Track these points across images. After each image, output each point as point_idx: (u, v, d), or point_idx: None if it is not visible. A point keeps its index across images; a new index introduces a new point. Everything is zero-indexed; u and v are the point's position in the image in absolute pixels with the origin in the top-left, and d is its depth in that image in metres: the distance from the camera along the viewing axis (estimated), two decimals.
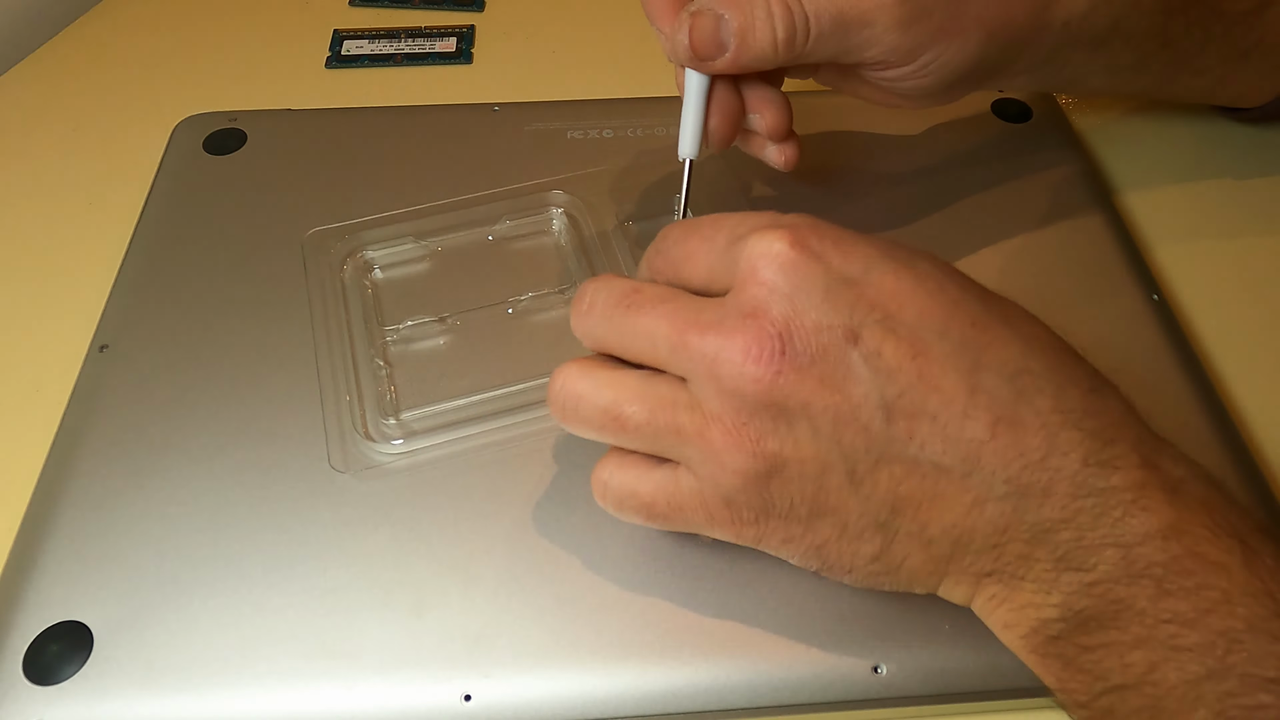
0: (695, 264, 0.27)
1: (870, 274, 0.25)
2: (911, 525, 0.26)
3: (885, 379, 0.24)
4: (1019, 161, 0.45)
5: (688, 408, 0.26)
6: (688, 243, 0.28)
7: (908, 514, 0.26)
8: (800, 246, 0.25)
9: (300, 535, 0.32)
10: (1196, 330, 0.40)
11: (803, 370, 0.24)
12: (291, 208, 0.42)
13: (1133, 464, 0.24)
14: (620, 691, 0.29)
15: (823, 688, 0.29)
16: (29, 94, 0.51)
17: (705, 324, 0.25)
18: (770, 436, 0.25)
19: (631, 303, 0.27)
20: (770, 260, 0.25)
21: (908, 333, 0.25)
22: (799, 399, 0.25)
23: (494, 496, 0.33)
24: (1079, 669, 0.25)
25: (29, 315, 0.41)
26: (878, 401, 0.24)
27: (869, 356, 0.24)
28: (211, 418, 0.35)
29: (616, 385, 0.27)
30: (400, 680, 0.29)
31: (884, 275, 0.25)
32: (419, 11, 0.57)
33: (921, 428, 0.24)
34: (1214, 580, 0.23)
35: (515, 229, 0.42)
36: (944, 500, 0.25)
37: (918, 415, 0.24)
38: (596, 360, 0.28)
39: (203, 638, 0.30)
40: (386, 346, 0.37)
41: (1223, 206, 0.46)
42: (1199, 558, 0.24)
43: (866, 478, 0.25)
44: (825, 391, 0.24)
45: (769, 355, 0.24)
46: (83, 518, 0.32)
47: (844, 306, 0.25)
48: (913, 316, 0.25)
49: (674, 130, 0.46)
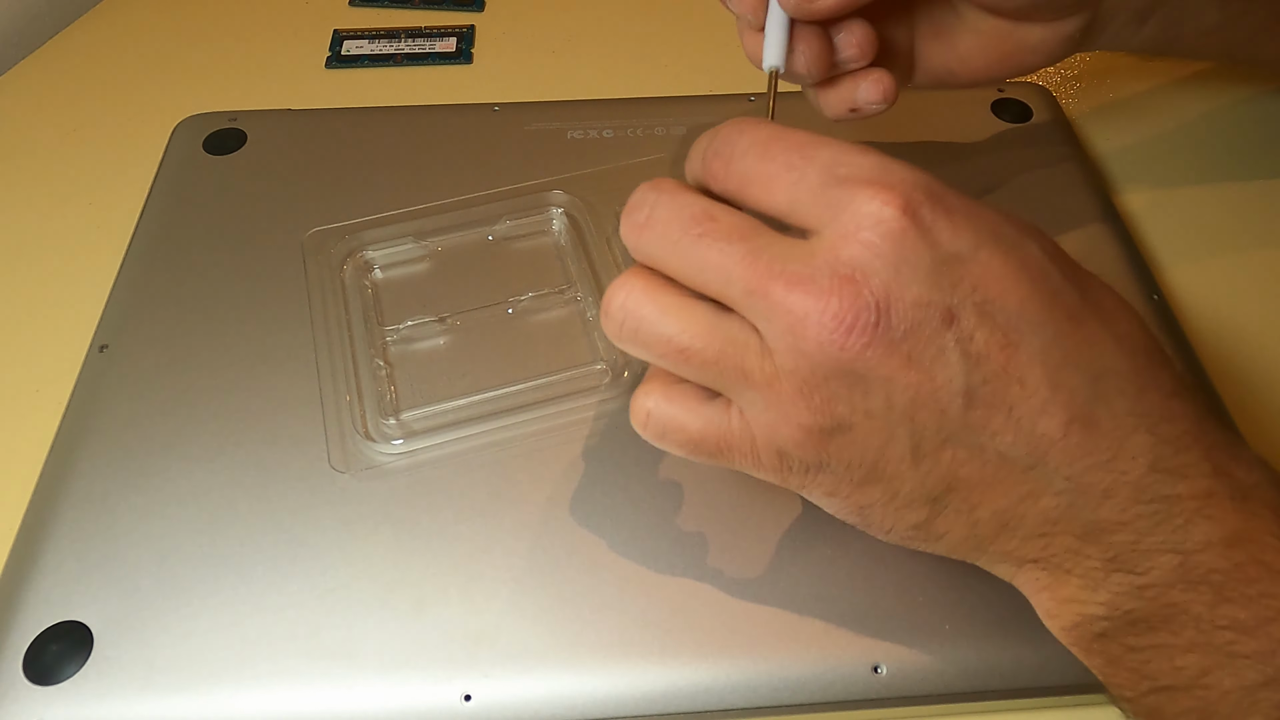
0: (773, 192, 0.25)
1: (979, 252, 0.24)
2: (962, 504, 0.25)
3: (973, 365, 0.23)
4: (1019, 162, 0.45)
5: (759, 353, 0.24)
6: (767, 164, 0.25)
7: (961, 493, 0.25)
8: (913, 215, 0.23)
9: (300, 535, 0.32)
10: (1196, 330, 0.40)
11: (894, 345, 0.23)
12: (291, 208, 0.42)
13: (1202, 472, 0.24)
14: (620, 691, 0.29)
15: (823, 688, 0.29)
16: (29, 94, 0.51)
17: (793, 277, 0.23)
18: (843, 401, 0.24)
19: (705, 231, 0.24)
20: (881, 224, 0.23)
21: (1004, 320, 0.23)
22: (883, 372, 0.23)
23: (494, 496, 0.33)
24: (1125, 666, 0.25)
25: (29, 315, 0.41)
26: (961, 387, 0.23)
27: (962, 340, 0.23)
28: (211, 418, 0.35)
29: (684, 316, 0.25)
30: (400, 680, 0.29)
31: (992, 256, 0.24)
32: (419, 11, 0.57)
33: (997, 418, 0.24)
34: (1278, 589, 0.23)
35: (515, 229, 0.42)
36: (1000, 487, 0.25)
37: (996, 405, 0.24)
38: (662, 281, 0.25)
39: (203, 638, 0.30)
40: (386, 346, 0.37)
41: (1223, 207, 0.46)
42: (1264, 566, 0.23)
43: (929, 455, 0.24)
44: (911, 369, 0.23)
45: (863, 326, 0.23)
46: (83, 518, 0.32)
47: (947, 285, 0.23)
48: (1014, 304, 0.24)
49: (674, 130, 0.45)
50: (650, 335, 0.25)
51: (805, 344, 0.23)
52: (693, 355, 0.25)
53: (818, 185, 0.24)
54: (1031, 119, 0.48)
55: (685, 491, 0.33)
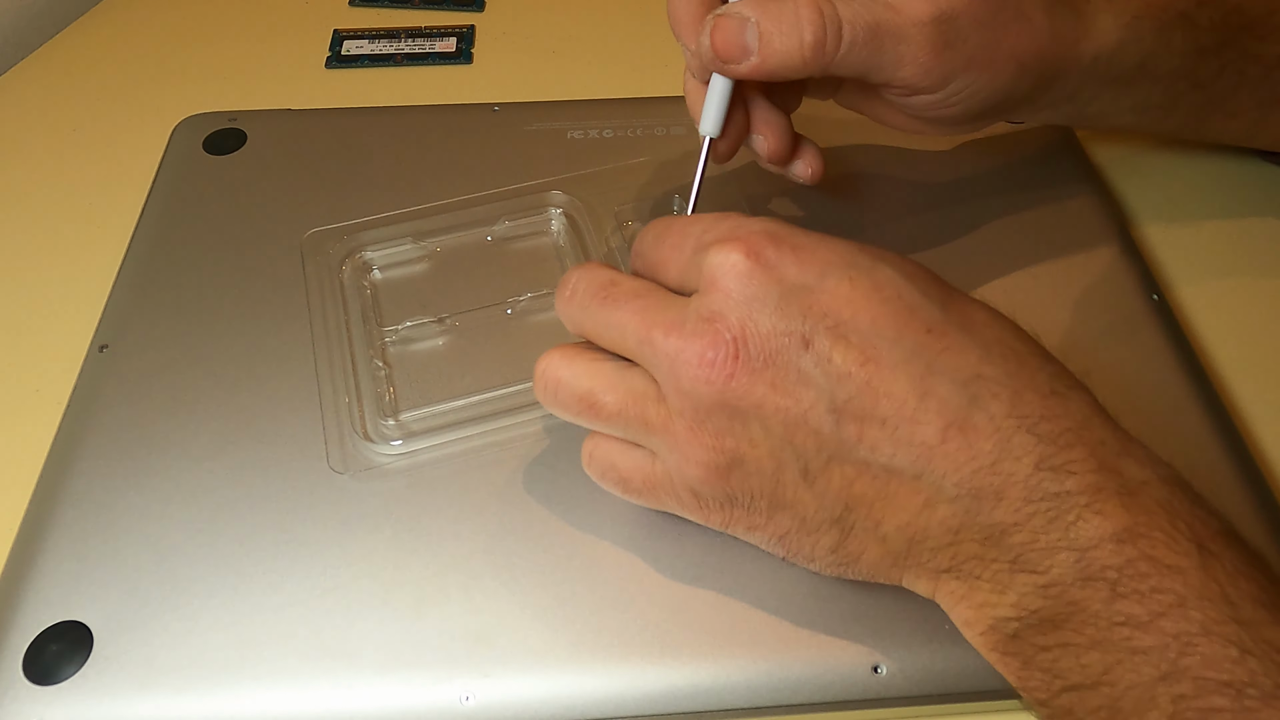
0: (667, 269, 0.29)
1: (825, 281, 0.26)
2: (866, 522, 0.26)
3: (835, 383, 0.25)
4: (1019, 163, 0.45)
5: (655, 401, 0.27)
6: (660, 249, 0.29)
7: (861, 511, 0.26)
8: (755, 257, 0.26)
9: (300, 535, 0.32)
10: (1196, 330, 0.40)
11: (755, 374, 0.26)
12: (291, 208, 0.42)
13: (1088, 469, 0.24)
14: (620, 691, 0.29)
15: (823, 688, 0.29)
16: (29, 94, 0.51)
17: (669, 323, 0.27)
18: (727, 435, 0.26)
19: (608, 295, 0.28)
20: (728, 270, 0.26)
21: (859, 339, 0.25)
22: (751, 401, 0.26)
23: (493, 497, 0.33)
24: (1037, 667, 0.26)
25: (29, 315, 0.41)
26: (828, 405, 0.25)
27: (820, 361, 0.25)
28: (211, 418, 0.35)
29: (593, 374, 0.29)
30: (400, 680, 0.29)
31: (839, 282, 0.26)
32: (419, 11, 0.57)
33: (871, 431, 0.25)
34: (1168, 584, 0.23)
35: (514, 229, 0.42)
36: (896, 500, 0.26)
37: (867, 419, 0.25)
38: (579, 347, 0.29)
39: (203, 638, 0.30)
40: (385, 347, 0.37)
41: (1222, 206, 0.46)
42: (1153, 561, 0.24)
43: (819, 476, 0.26)
44: (776, 394, 0.26)
45: (723, 359, 0.26)
46: (83, 518, 0.32)
47: (796, 313, 0.26)
48: (865, 323, 0.25)
49: (673, 130, 0.45)
50: (566, 394, 0.29)
51: (682, 382, 0.26)
52: (601, 409, 0.28)
53: (691, 254, 0.28)
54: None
55: None
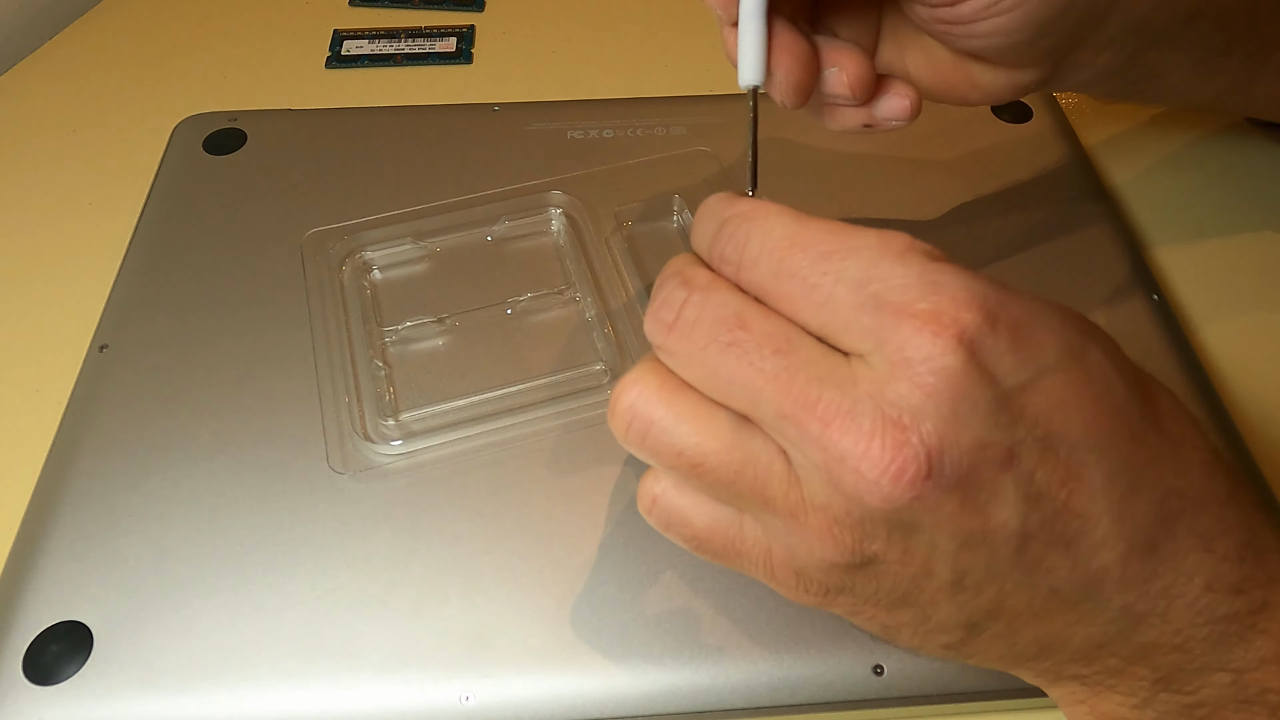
0: (798, 312, 0.22)
1: (1043, 379, 0.21)
2: (1003, 630, 0.23)
3: (1031, 505, 0.21)
4: (1019, 162, 0.45)
5: (784, 480, 0.22)
6: (784, 282, 0.22)
7: (1004, 620, 0.23)
8: (971, 349, 0.20)
9: (300, 535, 0.32)
10: (1196, 330, 0.40)
11: (945, 493, 0.20)
12: (291, 208, 0.42)
13: (1258, 583, 0.22)
14: (620, 691, 0.29)
15: (823, 688, 0.29)
16: (29, 94, 0.51)
17: (832, 410, 0.20)
18: (877, 540, 0.22)
19: (734, 341, 0.21)
20: (931, 361, 0.20)
21: (1067, 453, 0.21)
22: (931, 520, 0.21)
23: (493, 497, 0.33)
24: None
25: (29, 315, 0.41)
26: (1017, 529, 0.21)
27: (1021, 482, 0.21)
28: (211, 418, 0.35)
29: (701, 425, 0.22)
30: (400, 680, 0.29)
31: (1055, 378, 0.21)
32: (419, 11, 0.57)
33: (1052, 555, 0.22)
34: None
35: (514, 229, 0.42)
36: (1047, 616, 0.23)
37: (1053, 543, 0.21)
38: (677, 381, 0.23)
39: (203, 638, 0.30)
40: (385, 347, 0.37)
41: (1223, 206, 0.46)
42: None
43: (971, 588, 0.22)
44: (963, 515, 0.21)
45: (912, 478, 0.20)
46: (83, 518, 0.32)
47: (1007, 423, 0.21)
48: (1077, 431, 0.21)
49: (673, 130, 0.45)
50: (660, 443, 0.23)
51: (843, 486, 0.21)
52: (707, 472, 0.22)
53: (850, 309, 0.21)
54: (1031, 119, 0.48)
55: None
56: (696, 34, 0.55)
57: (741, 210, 0.23)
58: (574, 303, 0.39)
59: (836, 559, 0.22)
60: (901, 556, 0.22)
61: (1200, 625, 0.22)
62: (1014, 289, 0.22)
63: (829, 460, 0.20)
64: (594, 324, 0.38)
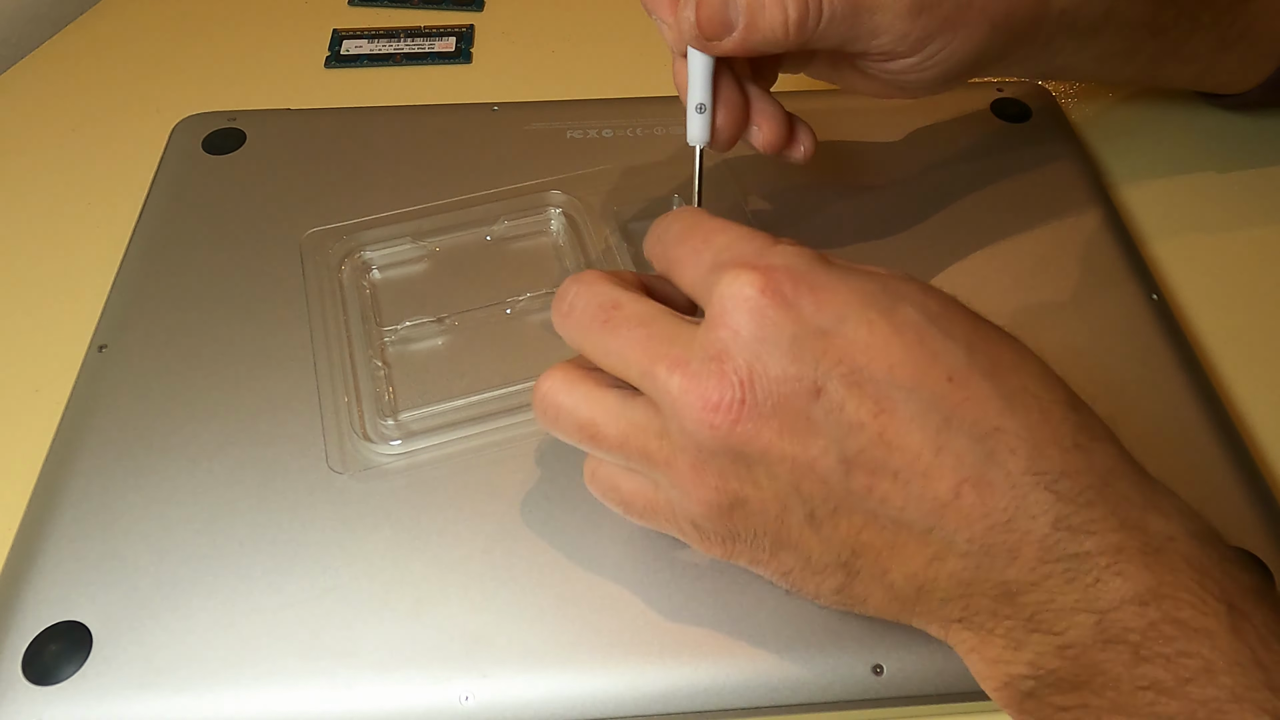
0: (682, 274, 0.27)
1: (844, 325, 0.24)
2: (873, 568, 0.26)
3: (846, 434, 0.24)
4: (1018, 161, 0.45)
5: (657, 435, 0.26)
6: (679, 248, 0.28)
7: (868, 558, 0.25)
8: (772, 292, 0.24)
9: (299, 536, 0.32)
10: (1196, 329, 0.40)
11: (762, 420, 0.24)
12: (290, 208, 0.42)
13: (1109, 527, 0.23)
14: (620, 691, 0.29)
15: (823, 688, 0.29)
16: (29, 94, 0.51)
17: (674, 360, 0.25)
18: (730, 477, 0.25)
19: (608, 319, 0.27)
20: (740, 304, 0.25)
21: (874, 389, 0.24)
22: (757, 447, 0.24)
23: (493, 497, 0.33)
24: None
25: (29, 315, 0.41)
26: (837, 456, 0.24)
27: (831, 410, 0.24)
28: (210, 418, 0.35)
29: (594, 403, 0.27)
30: (399, 680, 0.29)
31: (858, 326, 0.24)
32: (418, 11, 0.57)
33: (882, 484, 0.24)
34: (1196, 648, 0.22)
35: (513, 229, 0.42)
36: (904, 551, 0.25)
37: (878, 471, 0.24)
38: (580, 371, 0.28)
39: (202, 638, 0.30)
40: (384, 347, 0.37)
41: (1222, 206, 0.46)
42: (1180, 624, 0.23)
43: (826, 522, 0.25)
44: (783, 442, 0.24)
45: (728, 404, 0.24)
46: (83, 518, 0.32)
47: (810, 359, 0.24)
48: (882, 371, 0.24)
49: (673, 129, 0.46)
50: (567, 422, 0.28)
51: (685, 423, 0.25)
52: (602, 438, 0.27)
53: (707, 268, 0.26)
54: (1031, 119, 0.48)
55: None
56: None
57: (674, 210, 0.29)
58: None
59: (708, 498, 0.26)
60: (756, 492, 0.25)
61: (1052, 562, 0.24)
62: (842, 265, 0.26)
63: (675, 403, 0.25)
64: None
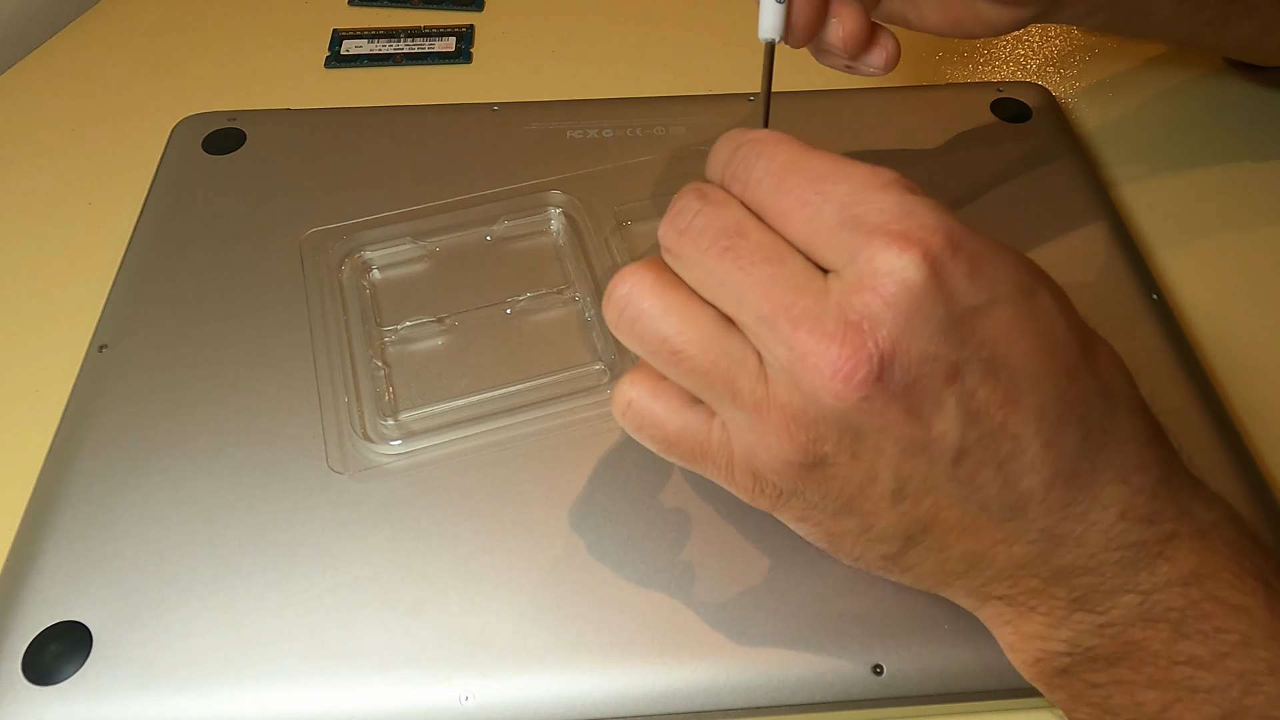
0: (789, 227, 0.24)
1: (994, 307, 0.23)
2: (935, 543, 0.25)
3: (970, 421, 0.23)
4: (1019, 161, 0.45)
5: (754, 375, 0.24)
6: (781, 197, 0.24)
7: (936, 534, 0.25)
8: (934, 268, 0.22)
9: (299, 536, 0.32)
10: (1196, 329, 0.40)
11: (891, 399, 0.22)
12: (290, 208, 0.42)
13: (1168, 516, 0.24)
14: (620, 691, 0.29)
15: (823, 688, 0.29)
16: (29, 94, 0.51)
17: (802, 314, 0.23)
18: (827, 441, 0.23)
19: (730, 245, 0.24)
20: (895, 274, 0.22)
21: (1007, 376, 0.23)
22: (878, 424, 0.23)
23: (493, 497, 0.33)
24: (1087, 702, 0.25)
25: (29, 315, 0.41)
26: (955, 442, 0.23)
27: (963, 397, 0.23)
28: (210, 418, 0.35)
29: (688, 319, 0.24)
30: (400, 680, 0.29)
31: (1004, 307, 0.23)
32: (418, 11, 0.57)
33: (984, 472, 0.24)
34: (1233, 624, 0.23)
35: (513, 229, 0.42)
36: (975, 532, 0.25)
37: (986, 461, 0.23)
38: (671, 277, 0.25)
39: (202, 638, 0.30)
40: (385, 347, 0.37)
41: (1222, 206, 0.46)
42: (1219, 601, 0.23)
43: (910, 499, 0.24)
44: (907, 422, 0.23)
45: (862, 378, 0.22)
46: (82, 518, 0.32)
47: (956, 341, 0.23)
48: (1018, 359, 0.23)
49: (673, 129, 0.46)
50: (646, 330, 0.25)
51: (802, 383, 0.23)
52: (685, 359, 0.24)
53: (833, 226, 0.23)
54: (1031, 119, 0.48)
55: (685, 491, 0.33)
56: (696, 34, 0.55)
57: (754, 137, 0.25)
58: (573, 302, 0.39)
59: (791, 456, 0.24)
60: (850, 460, 0.24)
61: (1113, 550, 0.24)
62: (980, 231, 0.24)
63: (793, 359, 0.23)
64: (593, 323, 0.38)
